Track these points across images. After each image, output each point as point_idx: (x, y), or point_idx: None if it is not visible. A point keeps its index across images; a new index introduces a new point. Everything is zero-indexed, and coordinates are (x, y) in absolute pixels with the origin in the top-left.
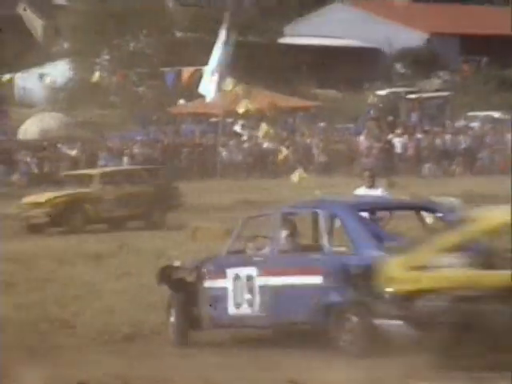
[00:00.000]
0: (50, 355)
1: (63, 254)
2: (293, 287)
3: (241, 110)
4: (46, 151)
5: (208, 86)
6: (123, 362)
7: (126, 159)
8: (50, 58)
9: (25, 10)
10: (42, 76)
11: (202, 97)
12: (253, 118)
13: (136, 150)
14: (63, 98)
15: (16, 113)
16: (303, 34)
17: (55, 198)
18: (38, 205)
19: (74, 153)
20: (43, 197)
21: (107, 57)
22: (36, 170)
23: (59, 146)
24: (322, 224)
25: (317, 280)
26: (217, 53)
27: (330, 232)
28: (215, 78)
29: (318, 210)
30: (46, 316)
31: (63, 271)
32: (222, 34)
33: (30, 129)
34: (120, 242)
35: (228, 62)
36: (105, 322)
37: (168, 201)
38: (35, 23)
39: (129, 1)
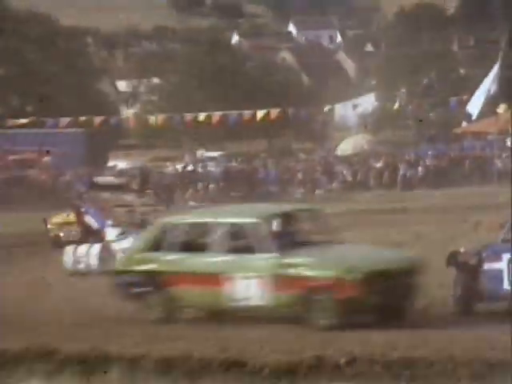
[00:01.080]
0: None
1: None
2: None
3: None
4: (358, 165)
5: (475, 107)
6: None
7: (420, 169)
8: (360, 91)
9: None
10: (355, 106)
11: (480, 119)
12: None
13: (428, 162)
14: (370, 123)
15: (335, 135)
16: None
17: None
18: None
19: (378, 165)
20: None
21: (404, 90)
22: (350, 179)
23: (368, 159)
24: None
25: None
26: (487, 83)
27: None
28: (482, 101)
29: None
30: None
31: None
32: (495, 69)
33: (346, 147)
34: (416, 233)
35: (497, 91)
36: None
37: None
38: (349, 65)
39: (420, 46)
